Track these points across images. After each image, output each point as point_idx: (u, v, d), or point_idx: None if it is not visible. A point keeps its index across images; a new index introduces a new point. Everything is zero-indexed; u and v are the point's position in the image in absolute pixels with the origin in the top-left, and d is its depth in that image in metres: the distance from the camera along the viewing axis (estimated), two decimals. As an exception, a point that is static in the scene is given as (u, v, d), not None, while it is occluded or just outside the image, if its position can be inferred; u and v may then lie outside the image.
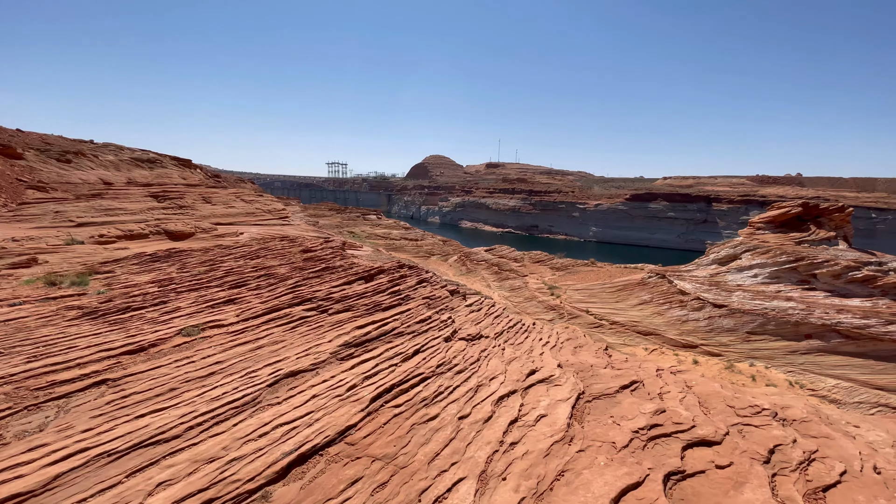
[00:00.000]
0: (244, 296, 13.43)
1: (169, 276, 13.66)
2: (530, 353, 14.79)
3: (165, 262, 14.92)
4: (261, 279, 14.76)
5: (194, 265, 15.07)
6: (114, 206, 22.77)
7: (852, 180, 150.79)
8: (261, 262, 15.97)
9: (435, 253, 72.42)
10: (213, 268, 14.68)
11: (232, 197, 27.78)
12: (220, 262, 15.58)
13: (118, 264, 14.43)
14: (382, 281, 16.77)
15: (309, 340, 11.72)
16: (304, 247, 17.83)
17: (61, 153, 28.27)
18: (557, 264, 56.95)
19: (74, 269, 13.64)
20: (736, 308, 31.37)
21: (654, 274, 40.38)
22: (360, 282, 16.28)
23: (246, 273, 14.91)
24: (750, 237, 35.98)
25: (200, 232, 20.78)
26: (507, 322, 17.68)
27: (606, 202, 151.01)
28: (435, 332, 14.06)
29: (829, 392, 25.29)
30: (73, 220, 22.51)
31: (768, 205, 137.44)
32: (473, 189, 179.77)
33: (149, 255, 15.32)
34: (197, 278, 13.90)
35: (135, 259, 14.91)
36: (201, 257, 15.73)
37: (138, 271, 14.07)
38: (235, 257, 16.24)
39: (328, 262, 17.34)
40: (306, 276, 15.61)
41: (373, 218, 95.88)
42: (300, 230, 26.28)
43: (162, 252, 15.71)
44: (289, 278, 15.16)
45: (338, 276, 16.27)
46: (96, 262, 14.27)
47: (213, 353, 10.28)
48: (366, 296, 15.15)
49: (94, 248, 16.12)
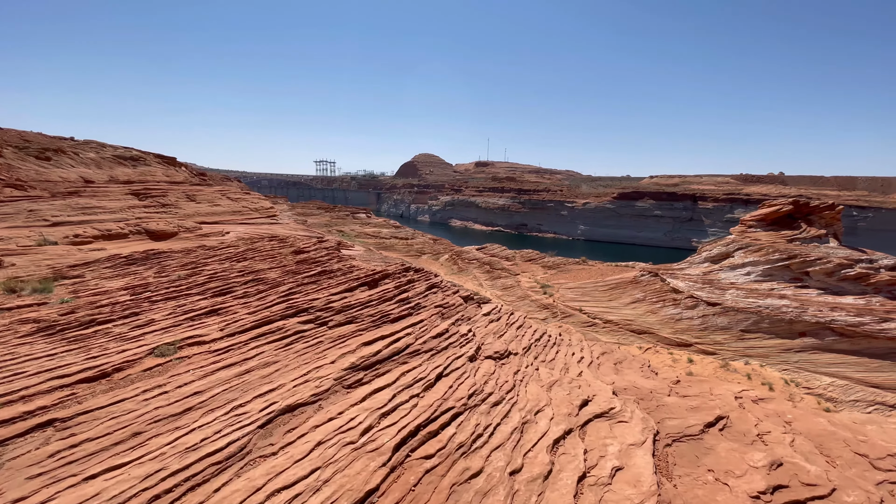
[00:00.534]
0: (229, 305, 12.07)
1: (144, 281, 12.46)
2: (567, 371, 13.32)
3: (142, 264, 13.80)
4: (249, 285, 13.43)
5: (174, 268, 13.90)
6: (92, 205, 21.65)
7: (833, 179, 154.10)
8: (249, 266, 14.83)
9: (426, 252, 71.76)
10: (195, 272, 13.52)
11: (217, 195, 26.77)
12: (203, 265, 14.42)
13: (89, 268, 13.27)
14: (388, 287, 15.18)
15: (308, 361, 10.19)
16: (295, 247, 16.70)
17: (41, 150, 27.14)
18: (549, 263, 56.71)
19: (40, 274, 12.54)
20: (730, 306, 31.33)
21: (647, 272, 40.29)
22: (362, 288, 14.78)
23: (232, 278, 13.56)
24: (742, 235, 36.03)
25: (184, 231, 19.83)
26: (532, 334, 16.15)
27: (594, 201, 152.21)
28: (456, 349, 12.33)
29: (824, 390, 25.30)
30: (47, 220, 21.36)
31: (752, 203, 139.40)
32: (463, 188, 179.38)
33: (124, 258, 14.23)
34: (176, 284, 12.61)
35: (108, 262, 13.79)
36: (182, 259, 14.60)
37: (111, 276, 12.89)
38: (220, 259, 15.04)
39: (324, 264, 16.08)
40: (301, 282, 14.24)
41: (362, 217, 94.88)
42: (289, 229, 25.41)
43: (139, 254, 14.66)
44: (281, 284, 13.78)
45: (337, 281, 14.80)
46: (66, 265, 13.13)
47: (190, 381, 8.67)
48: (371, 304, 13.62)
49: (67, 250, 15.13)
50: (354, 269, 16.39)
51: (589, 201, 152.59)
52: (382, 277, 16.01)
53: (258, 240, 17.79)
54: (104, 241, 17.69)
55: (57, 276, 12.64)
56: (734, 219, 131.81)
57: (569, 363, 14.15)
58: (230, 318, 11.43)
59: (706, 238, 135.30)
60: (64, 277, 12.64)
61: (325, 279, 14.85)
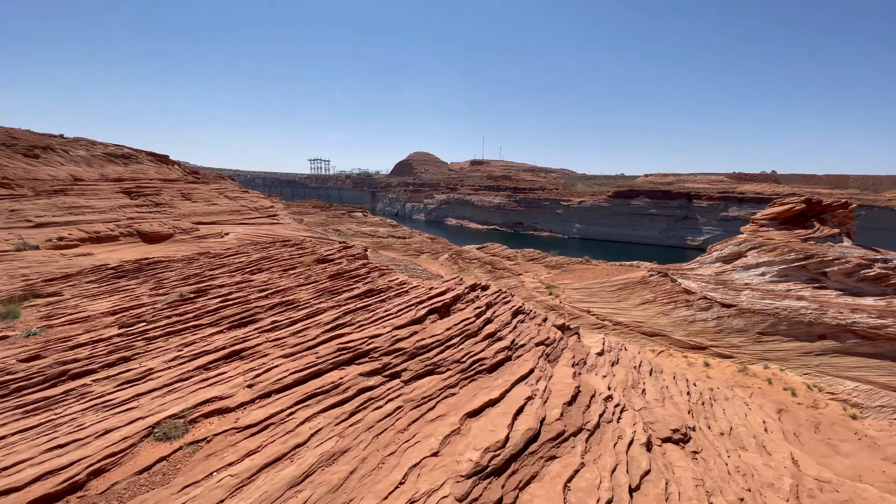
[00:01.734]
0: (256, 343, 9.24)
1: (138, 302, 10.36)
2: (769, 452, 9.66)
3: (134, 277, 11.79)
4: (277, 311, 10.69)
5: (174, 284, 11.65)
6: (80, 204, 20.07)
7: (826, 177, 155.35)
8: (269, 281, 12.29)
9: (424, 251, 70.52)
10: (202, 289, 11.27)
11: (214, 193, 25.25)
12: (210, 278, 12.18)
13: (69, 282, 11.25)
14: (467, 316, 11.76)
15: (393, 451, 6.89)
16: (318, 255, 14.29)
17: (28, 148, 25.72)
18: (552, 262, 55.75)
19: (10, 289, 10.75)
20: (745, 308, 30.46)
21: (656, 272, 39.39)
22: (432, 317, 11.48)
23: (253, 300, 10.87)
24: (754, 234, 35.21)
25: (180, 233, 18.35)
26: (672, 383, 12.49)
27: (590, 199, 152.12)
28: (613, 424, 8.54)
29: (848, 395, 24.47)
30: (30, 220, 19.74)
31: (747, 201, 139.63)
32: (458, 186, 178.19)
33: (112, 269, 12.13)
34: (179, 310, 10.10)
35: (93, 274, 11.77)
36: (183, 271, 12.45)
37: (95, 293, 10.78)
38: (230, 271, 12.79)
39: (365, 279, 13.24)
40: (345, 306, 11.32)
41: (358, 215, 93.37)
42: (291, 230, 23.98)
43: (130, 263, 12.59)
44: (318, 308, 10.97)
45: (395, 305, 11.64)
46: (43, 277, 11.27)
47: (215, 499, 5.52)
48: (452, 344, 10.30)
49: (49, 255, 13.50)
50: (408, 287, 13.15)
51: (584, 200, 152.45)
52: (453, 301, 12.57)
53: (269, 244, 15.71)
54: (92, 244, 16.19)
55: (28, 293, 10.66)
56: (729, 217, 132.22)
57: (757, 434, 10.61)
58: (260, 366, 8.54)
59: (701, 236, 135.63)
60: (37, 295, 10.63)
61: (376, 302, 11.87)
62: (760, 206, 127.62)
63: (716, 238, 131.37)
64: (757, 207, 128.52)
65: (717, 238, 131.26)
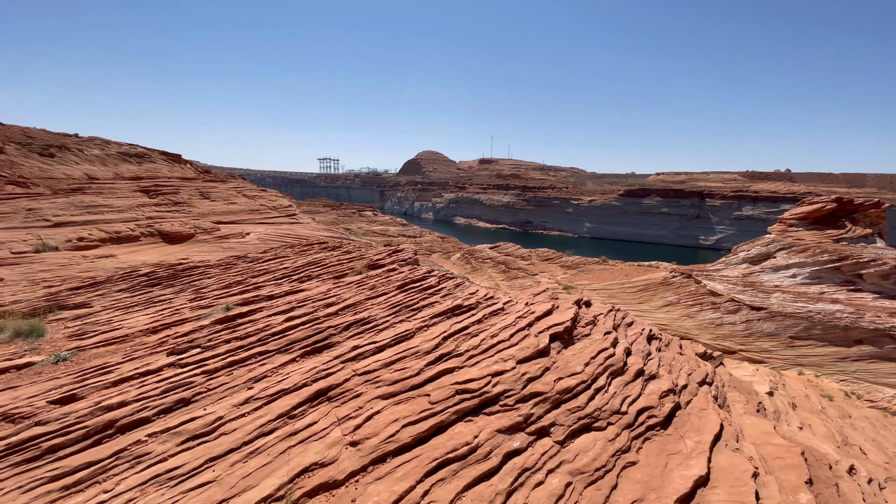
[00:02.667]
0: (342, 378, 7.19)
1: (179, 316, 9.14)
2: None
3: (169, 285, 10.90)
4: (351, 331, 8.82)
5: (217, 294, 10.61)
6: (98, 203, 19.61)
7: (842, 176, 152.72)
8: (328, 292, 10.41)
9: (435, 250, 69.93)
10: (251, 301, 10.12)
11: (233, 192, 24.77)
12: (257, 287, 11.14)
13: (97, 290, 10.36)
14: (602, 345, 9.33)
15: None
16: (368, 260, 13.15)
17: (44, 147, 25.77)
18: (568, 262, 54.84)
19: (31, 298, 9.86)
20: (776, 311, 29.43)
21: (679, 273, 38.39)
22: (555, 344, 9.06)
23: (320, 317, 8.97)
24: (782, 234, 34.10)
25: (201, 232, 17.81)
26: (858, 425, 9.98)
27: (600, 198, 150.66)
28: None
29: (889, 403, 23.44)
30: (48, 220, 19.33)
31: (761, 200, 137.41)
32: (467, 185, 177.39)
33: (144, 276, 11.28)
34: (232, 328, 8.48)
35: (123, 281, 10.94)
36: (223, 278, 11.47)
37: (128, 304, 9.86)
38: (276, 278, 11.80)
39: (438, 290, 11.26)
40: (432, 326, 9.27)
41: (369, 214, 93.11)
42: (310, 229, 23.39)
43: (164, 269, 11.70)
44: (405, 331, 8.90)
45: (496, 327, 9.26)
46: (66, 285, 10.39)
47: None
48: (600, 387, 8.10)
49: (69, 257, 12.97)
50: (499, 302, 10.74)
51: (595, 198, 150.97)
52: (573, 324, 9.91)
53: (308, 248, 14.31)
54: (112, 244, 15.67)
55: (53, 303, 9.76)
56: (743, 216, 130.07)
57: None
58: (356, 411, 6.57)
59: (714, 235, 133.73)
60: (63, 307, 9.70)
61: (472, 323, 9.37)
62: (775, 205, 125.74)
63: (729, 238, 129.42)
64: (772, 206, 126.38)
65: (730, 238, 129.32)
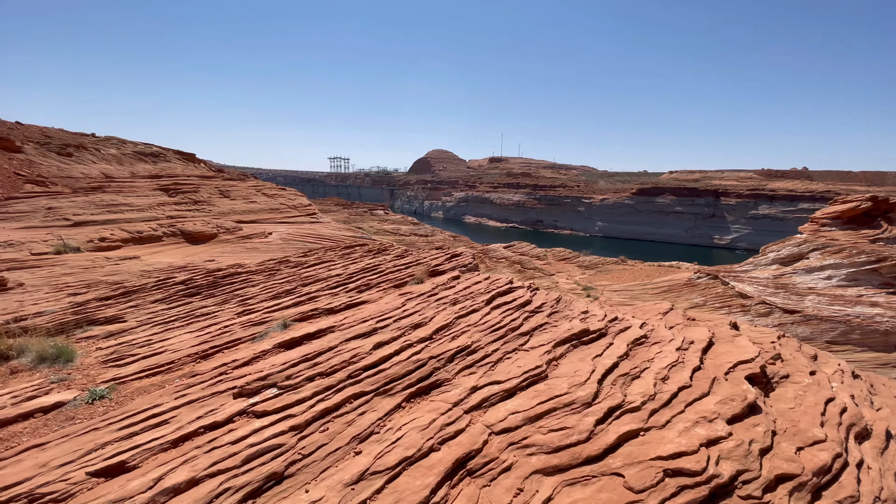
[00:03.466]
0: (476, 439, 5.31)
1: (231, 336, 7.67)
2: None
3: (210, 295, 9.57)
4: (456, 363, 6.94)
5: (267, 307, 9.10)
6: (118, 202, 19.21)
7: (862, 174, 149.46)
8: (403, 308, 8.84)
9: (447, 250, 69.00)
10: (310, 317, 8.65)
11: (252, 191, 24.33)
12: (311, 298, 9.54)
13: (130, 301, 9.22)
14: (821, 396, 7.13)
15: None
16: (426, 265, 11.68)
17: (62, 146, 26.15)
18: (585, 262, 53.86)
19: (57, 310, 8.74)
20: (811, 314, 28.29)
21: (704, 274, 37.31)
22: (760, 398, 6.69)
23: (414, 342, 7.28)
24: (815, 234, 32.89)
25: (223, 232, 17.29)
26: None
27: (613, 197, 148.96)
28: None
29: (938, 412, 22.27)
30: (68, 219, 18.97)
31: (778, 199, 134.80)
32: (477, 184, 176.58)
33: (180, 283, 10.10)
34: (320, 364, 6.40)
35: (157, 289, 9.70)
36: (268, 286, 10.25)
37: (166, 318, 8.56)
38: (329, 287, 10.29)
39: (539, 309, 9.42)
40: (566, 361, 7.37)
41: (380, 213, 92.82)
42: (332, 229, 22.82)
43: (202, 275, 10.48)
44: (537, 369, 6.85)
45: (674, 368, 7.07)
46: (93, 293, 9.29)
47: None
48: None
49: (92, 259, 12.38)
50: (623, 322, 9.17)
51: (607, 197, 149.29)
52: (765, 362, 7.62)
53: (349, 249, 12.94)
54: (135, 244, 15.18)
55: (81, 318, 8.59)
56: (759, 215, 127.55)
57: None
58: (525, 501, 4.57)
59: (729, 235, 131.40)
60: (92, 321, 8.48)
61: (621, 357, 7.43)
62: (793, 203, 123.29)
63: (745, 237, 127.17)
64: (789, 205, 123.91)
65: (746, 237, 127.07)
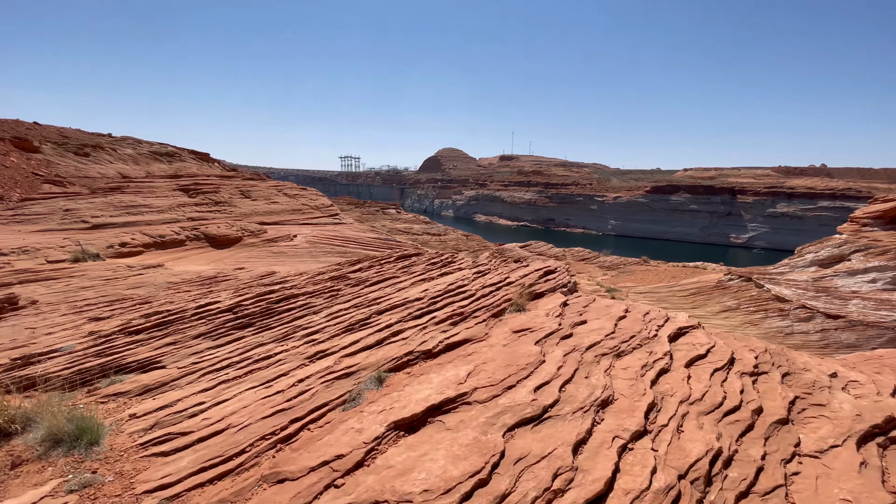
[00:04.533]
0: None
1: (313, 402, 5.56)
2: None
3: (266, 326, 7.78)
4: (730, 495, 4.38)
5: (338, 343, 7.22)
6: (137, 203, 18.44)
7: (883, 171, 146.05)
8: (529, 358, 6.46)
9: (461, 248, 68.37)
10: (406, 363, 6.66)
11: (273, 191, 23.50)
12: (392, 330, 7.68)
13: (166, 335, 7.30)
14: None
15: None
16: (522, 285, 9.75)
17: (79, 146, 26.19)
18: (606, 262, 52.51)
19: (75, 348, 6.91)
20: (856, 319, 26.83)
21: (735, 276, 35.84)
22: None
23: (617, 432, 4.96)
24: (856, 235, 31.31)
25: (248, 235, 16.39)
26: None
27: (626, 195, 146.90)
28: None
29: None
30: (86, 221, 18.21)
31: (797, 197, 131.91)
32: (487, 182, 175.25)
33: (227, 311, 8.19)
34: (437, 453, 4.45)
35: (199, 319, 7.82)
36: (333, 312, 8.31)
37: (218, 363, 6.70)
38: (413, 315, 8.26)
39: (709, 346, 7.64)
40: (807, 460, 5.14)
41: (392, 212, 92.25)
42: (356, 230, 21.87)
43: (251, 301, 8.46)
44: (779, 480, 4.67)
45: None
46: (118, 320, 7.48)
47: None
48: None
49: (114, 268, 11.37)
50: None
51: (620, 195, 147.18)
52: None
53: (406, 260, 10.63)
54: (157, 250, 14.32)
55: (106, 361, 6.66)
56: (777, 213, 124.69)
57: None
58: None
59: (746, 233, 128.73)
60: (121, 368, 6.52)
61: None
62: (812, 201, 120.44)
63: (762, 236, 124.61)
64: (808, 203, 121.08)
65: (763, 236, 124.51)
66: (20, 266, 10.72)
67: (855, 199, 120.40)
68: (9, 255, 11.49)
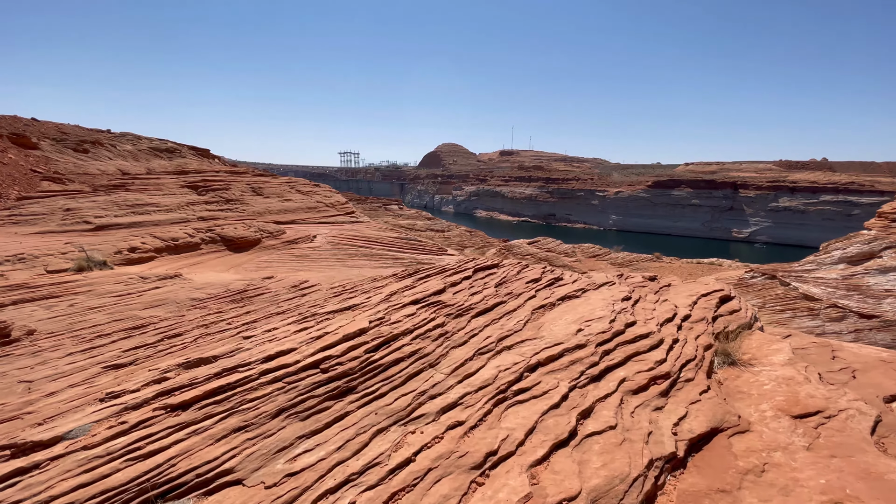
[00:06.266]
0: None
1: None
2: None
3: (370, 395, 4.75)
4: None
5: (484, 423, 4.39)
6: (143, 201, 17.14)
7: (885, 164, 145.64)
8: None
9: (466, 245, 67.15)
10: (642, 474, 3.73)
11: (286, 188, 22.20)
12: (536, 389, 4.86)
13: (231, 412, 4.30)
14: None
15: None
16: (705, 319, 6.97)
17: (78, 143, 25.30)
18: (618, 259, 51.46)
19: (88, 428, 4.07)
20: (892, 319, 25.86)
21: (759, 273, 34.82)
22: None
23: None
24: (885, 231, 30.31)
25: (266, 237, 15.12)
26: None
27: (627, 189, 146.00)
28: None
29: None
30: (89, 222, 16.86)
31: (799, 191, 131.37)
32: (488, 177, 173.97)
33: (314, 368, 5.03)
34: None
35: (273, 384, 4.67)
36: (459, 372, 5.28)
37: (324, 471, 3.76)
38: (588, 378, 5.12)
39: None
40: None
41: (394, 208, 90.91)
42: (375, 229, 20.61)
43: (343, 354, 5.20)
44: None
45: None
46: (147, 377, 4.89)
47: None
48: None
49: (126, 281, 9.82)
50: None
51: (621, 190, 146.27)
52: None
53: (492, 271, 8.21)
54: (170, 255, 13.03)
55: (144, 481, 3.56)
56: (780, 207, 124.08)
57: None
58: None
59: (748, 228, 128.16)
60: (171, 489, 3.55)
61: None
62: (815, 195, 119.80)
63: (765, 230, 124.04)
64: (811, 197, 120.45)
65: (766, 230, 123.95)
66: (15, 280, 9.25)
67: (858, 193, 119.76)
68: (3, 265, 10.08)
